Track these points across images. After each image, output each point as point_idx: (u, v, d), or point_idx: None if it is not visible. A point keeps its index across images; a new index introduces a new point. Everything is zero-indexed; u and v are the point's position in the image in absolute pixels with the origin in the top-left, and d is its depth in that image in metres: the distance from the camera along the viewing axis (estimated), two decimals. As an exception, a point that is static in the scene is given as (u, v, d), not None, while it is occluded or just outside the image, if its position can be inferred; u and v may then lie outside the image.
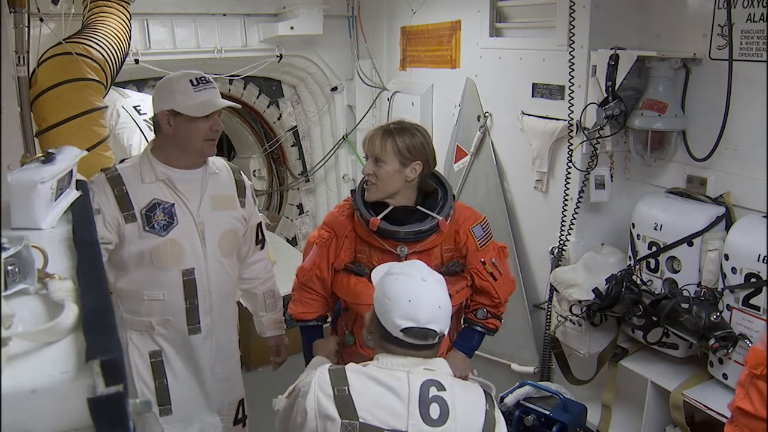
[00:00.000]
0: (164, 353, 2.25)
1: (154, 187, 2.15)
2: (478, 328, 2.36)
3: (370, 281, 1.88)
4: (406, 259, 2.21)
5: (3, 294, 0.90)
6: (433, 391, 1.60)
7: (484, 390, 1.74)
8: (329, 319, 2.49)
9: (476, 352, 2.47)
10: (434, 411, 1.58)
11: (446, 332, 1.67)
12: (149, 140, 2.32)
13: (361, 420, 1.55)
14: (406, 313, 1.60)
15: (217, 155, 2.30)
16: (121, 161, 2.24)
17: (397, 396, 1.58)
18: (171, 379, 2.26)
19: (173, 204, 2.16)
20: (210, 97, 2.13)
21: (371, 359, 1.70)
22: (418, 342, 1.63)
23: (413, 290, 1.63)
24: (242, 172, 2.43)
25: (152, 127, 2.25)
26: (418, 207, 2.21)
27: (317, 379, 1.62)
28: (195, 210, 2.19)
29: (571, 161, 2.94)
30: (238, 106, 2.36)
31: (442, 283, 1.70)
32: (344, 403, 1.57)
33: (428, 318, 1.60)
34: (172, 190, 2.16)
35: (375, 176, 2.17)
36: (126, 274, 2.18)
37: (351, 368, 1.65)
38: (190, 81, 2.11)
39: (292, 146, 5.11)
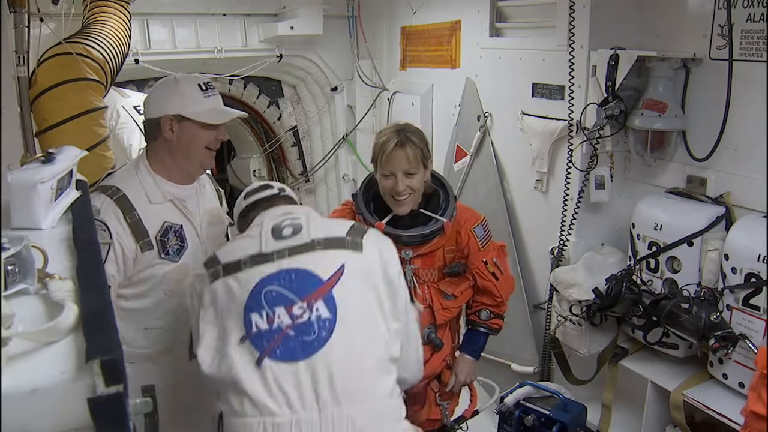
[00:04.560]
0: (157, 388, 2.06)
1: (163, 209, 2.00)
2: (483, 330, 2.37)
3: None
4: (410, 263, 2.21)
5: (3, 294, 0.90)
6: (286, 221, 1.63)
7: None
8: None
9: (476, 352, 2.47)
10: (287, 231, 1.60)
11: (289, 190, 1.87)
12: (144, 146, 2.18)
13: (222, 263, 1.58)
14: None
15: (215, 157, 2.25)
16: (110, 173, 2.00)
17: (252, 237, 1.63)
18: (163, 416, 2.09)
19: (181, 225, 2.03)
20: (219, 105, 2.04)
21: None
22: (264, 194, 1.83)
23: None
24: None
25: (144, 131, 2.08)
26: (422, 210, 2.21)
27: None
28: (199, 229, 2.09)
29: (571, 161, 2.94)
30: (245, 114, 2.26)
31: None
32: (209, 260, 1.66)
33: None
34: (180, 210, 2.04)
35: (410, 188, 2.13)
36: (123, 302, 1.99)
37: None
38: (199, 86, 2.00)
39: (292, 146, 5.11)
